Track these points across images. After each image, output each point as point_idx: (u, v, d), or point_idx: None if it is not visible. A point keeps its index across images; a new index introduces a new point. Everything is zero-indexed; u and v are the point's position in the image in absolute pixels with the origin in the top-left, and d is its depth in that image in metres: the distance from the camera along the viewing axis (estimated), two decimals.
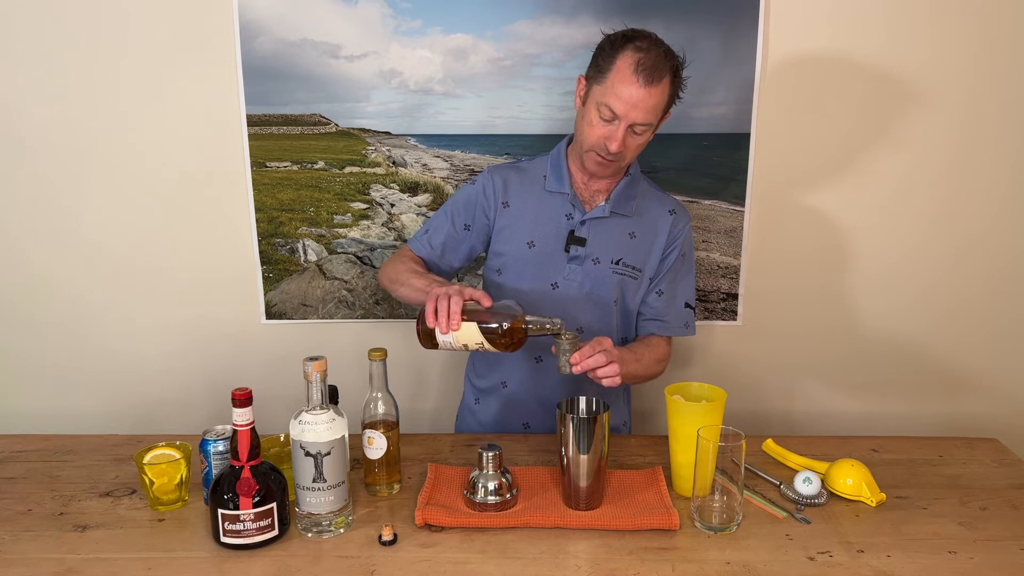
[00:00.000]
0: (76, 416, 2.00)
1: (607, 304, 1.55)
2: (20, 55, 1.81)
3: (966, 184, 1.89)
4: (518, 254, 1.54)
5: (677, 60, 1.39)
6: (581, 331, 1.52)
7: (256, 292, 1.96)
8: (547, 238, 1.53)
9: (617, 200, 1.53)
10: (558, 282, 1.53)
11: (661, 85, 1.36)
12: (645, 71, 1.34)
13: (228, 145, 1.86)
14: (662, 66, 1.35)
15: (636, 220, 1.55)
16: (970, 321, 1.98)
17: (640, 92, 1.35)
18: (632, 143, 1.41)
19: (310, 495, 1.18)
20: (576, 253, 1.52)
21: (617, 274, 1.54)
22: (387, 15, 1.78)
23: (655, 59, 1.35)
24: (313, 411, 1.17)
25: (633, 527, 1.20)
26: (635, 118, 1.37)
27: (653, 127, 1.41)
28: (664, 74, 1.35)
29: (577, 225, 1.52)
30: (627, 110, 1.36)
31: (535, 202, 1.54)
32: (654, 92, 1.35)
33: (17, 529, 1.23)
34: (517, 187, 1.56)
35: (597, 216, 1.52)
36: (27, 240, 1.92)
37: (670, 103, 1.41)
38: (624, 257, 1.54)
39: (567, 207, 1.53)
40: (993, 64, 1.81)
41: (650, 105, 1.36)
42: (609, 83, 1.37)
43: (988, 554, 1.16)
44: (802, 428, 2.03)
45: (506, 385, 1.62)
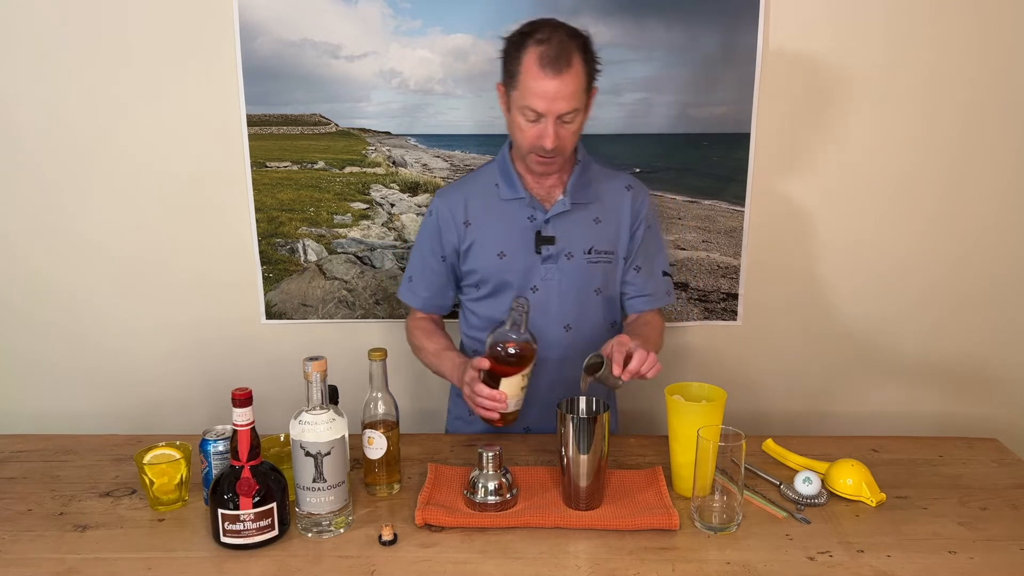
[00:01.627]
0: (76, 416, 2.00)
1: (589, 296, 1.55)
2: (20, 55, 1.81)
3: (966, 185, 1.89)
4: (491, 268, 1.54)
5: (579, 37, 1.38)
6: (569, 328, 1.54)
7: (256, 292, 1.96)
8: (515, 245, 1.52)
9: (574, 191, 1.52)
10: (537, 285, 1.53)
11: (572, 70, 1.34)
12: (551, 62, 1.33)
13: (228, 145, 1.86)
14: (566, 50, 1.34)
15: (597, 205, 1.54)
16: (970, 321, 1.98)
17: (553, 84, 1.34)
18: (566, 133, 1.41)
19: (310, 495, 1.18)
20: (548, 252, 1.52)
21: (592, 263, 1.53)
22: (387, 15, 1.78)
23: (557, 47, 1.34)
24: (313, 411, 1.17)
25: (633, 527, 1.20)
26: (559, 110, 1.36)
27: (580, 111, 1.40)
28: (571, 57, 1.34)
29: (542, 225, 1.52)
30: (548, 105, 1.36)
31: (495, 213, 1.53)
32: (567, 79, 1.34)
33: (17, 529, 1.23)
34: (472, 203, 1.54)
35: (559, 212, 1.51)
36: (27, 240, 1.92)
37: (589, 81, 1.40)
38: (595, 244, 1.53)
39: (527, 210, 1.52)
40: (994, 65, 1.81)
41: (568, 93, 1.35)
42: (522, 85, 1.37)
43: (988, 554, 1.16)
44: (802, 428, 2.03)
45: None
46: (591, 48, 1.40)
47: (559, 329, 1.55)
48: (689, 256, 1.93)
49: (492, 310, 1.57)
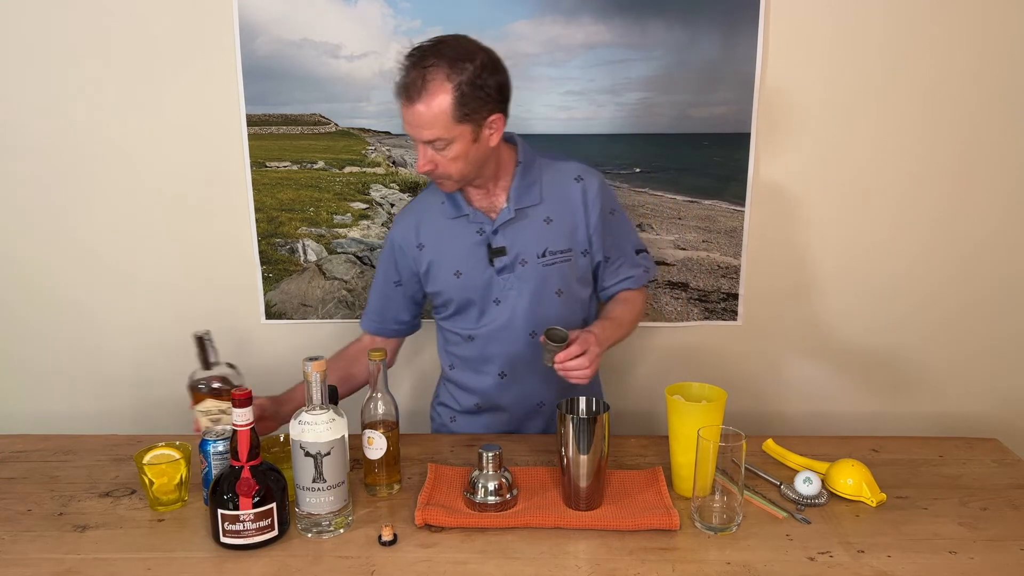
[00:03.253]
0: (76, 416, 2.00)
1: (551, 299, 1.53)
2: (19, 56, 1.81)
3: (968, 187, 1.89)
4: (451, 288, 1.54)
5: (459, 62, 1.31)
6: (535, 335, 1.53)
7: (256, 292, 1.95)
8: (469, 262, 1.51)
9: (518, 196, 1.49)
10: (498, 297, 1.53)
11: (427, 98, 1.30)
12: (403, 88, 1.32)
13: (228, 145, 1.86)
14: (419, 79, 1.30)
15: (546, 204, 1.51)
16: (971, 321, 1.98)
17: (408, 111, 1.33)
18: (442, 160, 1.37)
19: (310, 495, 1.18)
20: (502, 263, 1.50)
21: (548, 265, 1.51)
22: (387, 15, 1.78)
23: (412, 76, 1.31)
24: (313, 411, 1.17)
25: (633, 527, 1.20)
26: (421, 136, 1.35)
27: (454, 140, 1.35)
28: (424, 86, 1.30)
29: (491, 236, 1.50)
30: (412, 131, 1.35)
31: (445, 233, 1.52)
32: (423, 108, 1.31)
33: (17, 529, 1.23)
34: (423, 226, 1.54)
35: (505, 220, 1.49)
36: (27, 240, 1.92)
37: (464, 110, 1.33)
38: (548, 246, 1.51)
39: (475, 225, 1.50)
40: (996, 66, 1.81)
41: (425, 121, 1.32)
42: None
43: (988, 554, 1.16)
44: (802, 428, 2.03)
45: (479, 406, 1.62)
46: (477, 74, 1.33)
47: (525, 336, 1.54)
48: (689, 256, 1.93)
49: (462, 326, 1.57)
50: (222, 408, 1.35)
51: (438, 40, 1.36)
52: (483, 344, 1.56)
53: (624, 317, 1.56)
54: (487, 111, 1.37)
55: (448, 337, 1.62)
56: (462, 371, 1.62)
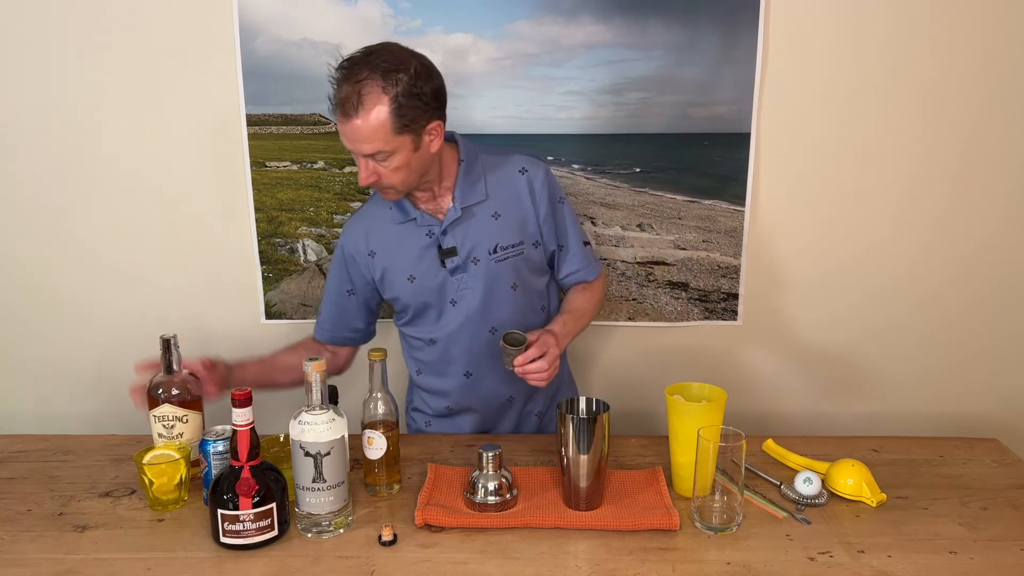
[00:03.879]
0: (76, 416, 2.00)
1: (506, 294, 1.53)
2: (19, 56, 1.81)
3: (969, 187, 1.89)
4: (406, 294, 1.54)
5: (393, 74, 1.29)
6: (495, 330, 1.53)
7: (256, 292, 1.95)
8: (422, 265, 1.51)
9: (463, 194, 1.48)
10: (454, 298, 1.52)
11: (364, 112, 1.29)
12: (340, 104, 1.30)
13: (228, 145, 1.86)
14: (354, 95, 1.28)
15: (493, 200, 1.50)
16: (971, 322, 1.97)
17: (348, 126, 1.31)
18: (385, 171, 1.36)
19: (310, 495, 1.18)
20: (454, 264, 1.50)
21: (500, 261, 1.51)
22: (387, 15, 1.78)
23: (347, 91, 1.29)
24: (313, 411, 1.17)
25: (633, 527, 1.20)
26: (360, 150, 1.33)
27: (396, 152, 1.33)
28: (360, 102, 1.28)
29: (440, 238, 1.49)
30: (351, 145, 1.34)
31: (395, 239, 1.52)
32: (360, 123, 1.29)
33: (17, 529, 1.23)
34: (372, 234, 1.53)
35: (452, 219, 1.48)
36: (26, 240, 1.92)
37: (403, 122, 1.31)
38: (499, 241, 1.50)
39: (423, 228, 1.50)
40: (996, 63, 1.81)
41: (364, 135, 1.30)
42: None
43: (988, 554, 1.16)
44: (802, 428, 2.03)
45: (450, 408, 1.63)
46: (413, 83, 1.30)
47: (486, 335, 1.54)
48: (689, 256, 1.92)
49: (423, 331, 1.58)
50: (177, 415, 1.35)
51: (368, 51, 1.33)
52: (445, 346, 1.56)
53: (583, 308, 1.58)
54: (425, 119, 1.35)
55: (411, 343, 1.63)
56: (428, 375, 1.63)
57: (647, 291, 1.94)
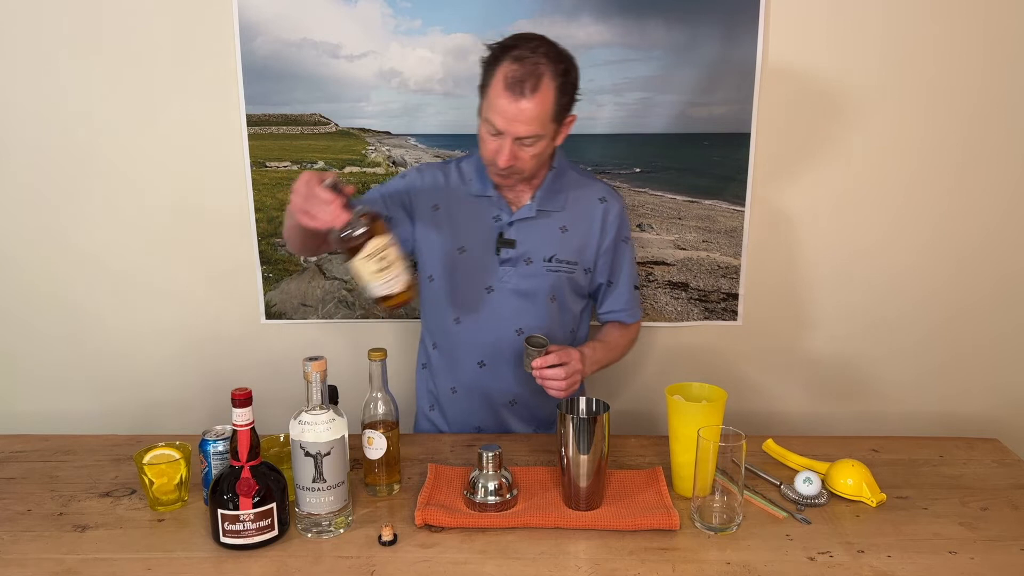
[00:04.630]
0: (76, 416, 2.00)
1: (543, 302, 1.54)
2: (19, 56, 1.81)
3: (969, 187, 1.89)
4: (449, 260, 1.53)
5: (560, 63, 1.33)
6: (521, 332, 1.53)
7: (256, 292, 1.95)
8: (477, 242, 1.52)
9: (544, 197, 1.51)
10: (492, 285, 1.53)
11: (537, 95, 1.31)
12: (516, 83, 1.31)
13: (228, 145, 1.86)
14: (536, 75, 1.30)
15: (567, 213, 1.52)
16: (971, 321, 1.98)
17: (514, 106, 1.31)
18: (525, 155, 1.38)
19: (310, 495, 1.18)
20: (507, 255, 1.51)
21: (551, 271, 1.53)
22: (387, 15, 1.78)
23: (527, 70, 1.30)
24: (313, 411, 1.17)
25: (633, 527, 1.20)
26: (517, 132, 1.34)
27: (544, 137, 1.37)
28: (538, 83, 1.31)
29: (505, 227, 1.51)
30: (506, 125, 1.34)
31: (463, 206, 1.52)
32: (529, 104, 1.31)
33: (17, 529, 1.23)
34: (445, 190, 1.54)
35: (524, 216, 1.50)
36: (27, 240, 1.92)
37: (560, 106, 1.36)
38: (557, 253, 1.52)
39: (494, 209, 1.51)
40: (996, 65, 1.81)
41: (528, 117, 1.32)
42: (489, 97, 1.35)
43: (988, 554, 1.16)
44: (802, 428, 2.03)
45: (455, 391, 1.62)
46: (571, 75, 1.36)
47: (511, 332, 1.54)
48: (689, 256, 1.93)
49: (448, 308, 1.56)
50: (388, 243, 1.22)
51: (532, 36, 1.35)
52: (467, 329, 1.56)
53: (616, 342, 1.61)
54: (568, 111, 1.40)
55: (432, 316, 1.62)
56: (442, 355, 1.62)
57: (647, 291, 1.94)
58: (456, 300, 1.55)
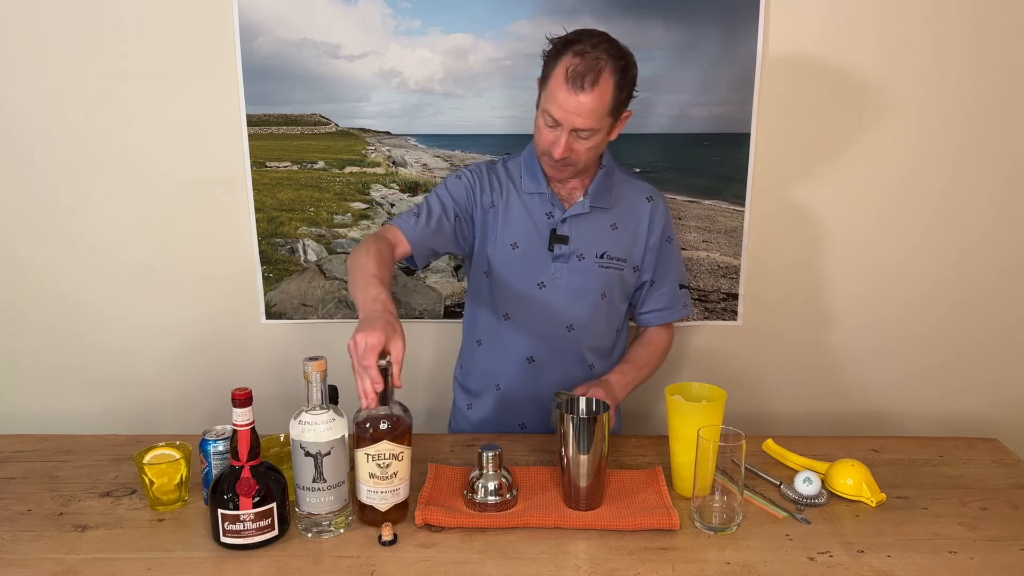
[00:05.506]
0: (76, 416, 2.00)
1: (595, 299, 1.56)
2: (19, 57, 1.81)
3: (967, 185, 1.89)
4: (503, 256, 1.54)
5: (620, 60, 1.36)
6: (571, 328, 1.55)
7: (256, 292, 1.95)
8: (530, 238, 1.53)
9: (595, 194, 1.53)
10: (544, 281, 1.54)
11: (597, 89, 1.33)
12: (577, 77, 1.33)
13: (228, 145, 1.86)
14: (596, 69, 1.33)
15: (616, 211, 1.55)
16: (971, 321, 1.98)
17: (574, 99, 1.34)
18: (580, 147, 1.40)
19: (310, 495, 1.18)
20: (560, 251, 1.53)
21: (603, 268, 1.55)
22: (387, 15, 1.78)
23: (588, 64, 1.33)
24: (313, 411, 1.17)
25: (633, 527, 1.20)
26: (575, 124, 1.36)
27: (600, 131, 1.39)
28: (599, 77, 1.33)
29: (558, 223, 1.53)
30: (565, 116, 1.36)
31: (515, 203, 1.54)
32: (589, 98, 1.34)
33: (17, 529, 1.23)
34: (497, 189, 1.56)
35: (578, 213, 1.52)
36: (26, 240, 1.92)
37: (618, 104, 1.38)
38: (608, 250, 1.55)
39: (546, 206, 1.53)
40: (994, 63, 1.81)
41: (588, 111, 1.35)
42: (549, 89, 1.37)
43: (988, 554, 1.16)
44: (802, 428, 2.03)
45: (499, 387, 1.62)
46: (629, 72, 1.38)
47: (561, 328, 1.56)
48: (689, 256, 1.93)
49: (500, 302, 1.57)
50: (394, 452, 1.20)
51: (595, 32, 1.37)
52: (515, 324, 1.57)
53: (644, 360, 1.62)
54: (625, 107, 1.42)
55: (479, 316, 1.62)
56: (487, 353, 1.63)
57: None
58: (507, 296, 1.56)
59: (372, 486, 1.20)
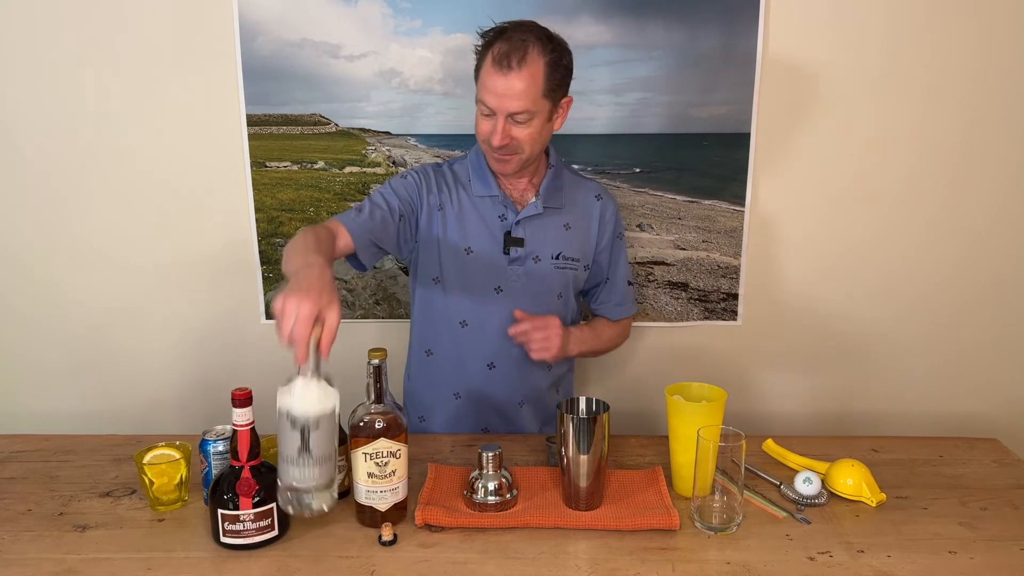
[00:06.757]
0: (76, 416, 2.00)
1: (551, 300, 1.56)
2: (19, 57, 1.81)
3: (967, 185, 1.89)
4: (457, 262, 1.52)
5: (548, 42, 1.36)
6: None
7: (256, 292, 1.95)
8: (484, 242, 1.51)
9: (547, 194, 1.53)
10: (501, 285, 1.53)
11: (526, 68, 1.34)
12: (503, 57, 1.34)
13: (228, 145, 1.86)
14: (523, 50, 1.33)
15: (568, 211, 1.55)
16: (971, 321, 1.98)
17: (503, 80, 1.34)
18: (520, 133, 1.40)
19: (294, 468, 1.07)
20: (516, 254, 1.52)
21: (559, 268, 1.54)
22: (387, 15, 1.78)
23: (514, 45, 1.34)
24: (304, 380, 1.06)
25: (633, 527, 1.20)
26: (509, 108, 1.36)
27: (537, 114, 1.38)
28: (524, 55, 1.33)
29: (512, 225, 1.51)
30: (497, 101, 1.36)
31: (467, 207, 1.52)
32: (517, 78, 1.34)
33: (17, 529, 1.23)
34: (446, 191, 1.53)
35: (531, 214, 1.52)
36: (27, 240, 1.92)
37: (551, 84, 1.37)
38: (563, 250, 1.54)
39: (499, 208, 1.52)
40: (995, 64, 1.81)
41: (516, 91, 1.34)
42: (481, 78, 1.39)
43: (988, 554, 1.16)
44: (802, 428, 2.03)
45: (459, 396, 1.60)
46: (561, 55, 1.38)
47: None
48: (689, 256, 1.93)
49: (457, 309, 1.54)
50: (392, 451, 1.18)
51: (519, 22, 1.39)
52: (475, 330, 1.55)
53: (605, 332, 1.65)
54: (563, 91, 1.42)
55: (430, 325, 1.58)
56: (443, 361, 1.59)
57: (647, 291, 1.94)
58: (463, 302, 1.54)
59: (371, 486, 1.20)
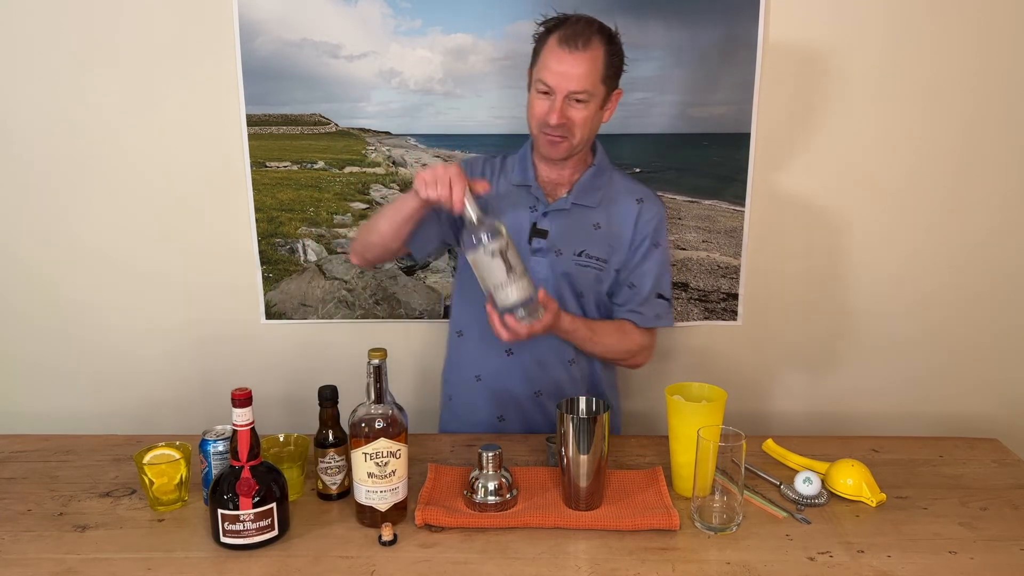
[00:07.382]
0: (76, 416, 2.00)
1: (569, 297, 1.54)
2: (19, 57, 1.81)
3: (968, 185, 1.89)
4: None
5: (610, 32, 1.42)
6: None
7: (256, 292, 1.95)
8: (512, 229, 1.48)
9: (580, 191, 1.53)
10: None
11: (589, 51, 1.38)
12: (568, 39, 1.38)
13: (228, 145, 1.86)
14: (586, 32, 1.38)
15: (602, 211, 1.54)
16: (971, 321, 1.98)
17: (567, 60, 1.37)
18: (576, 116, 1.42)
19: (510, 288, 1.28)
20: (538, 245, 1.52)
21: (580, 266, 1.53)
22: (387, 15, 1.78)
23: (579, 28, 1.39)
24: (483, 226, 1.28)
25: (633, 527, 1.20)
26: (568, 87, 1.38)
27: (594, 96, 1.41)
28: (590, 38, 1.38)
29: (539, 217, 1.53)
30: (559, 80, 1.38)
31: (503, 193, 1.55)
32: (582, 58, 1.37)
33: (17, 529, 1.23)
34: (491, 177, 1.56)
35: (559, 208, 1.52)
36: (26, 240, 1.92)
37: (609, 71, 1.42)
38: (587, 249, 1.53)
39: (531, 199, 1.53)
40: (996, 63, 1.81)
41: (580, 71, 1.38)
42: (542, 59, 1.41)
43: (988, 554, 1.16)
44: (802, 428, 2.03)
45: (480, 379, 1.61)
46: (617, 45, 1.43)
47: None
48: (689, 256, 1.93)
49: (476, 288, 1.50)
50: (392, 450, 1.19)
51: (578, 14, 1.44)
52: None
53: (604, 331, 1.56)
54: (615, 82, 1.46)
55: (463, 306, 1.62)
56: (469, 343, 1.62)
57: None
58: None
59: (371, 486, 1.20)
